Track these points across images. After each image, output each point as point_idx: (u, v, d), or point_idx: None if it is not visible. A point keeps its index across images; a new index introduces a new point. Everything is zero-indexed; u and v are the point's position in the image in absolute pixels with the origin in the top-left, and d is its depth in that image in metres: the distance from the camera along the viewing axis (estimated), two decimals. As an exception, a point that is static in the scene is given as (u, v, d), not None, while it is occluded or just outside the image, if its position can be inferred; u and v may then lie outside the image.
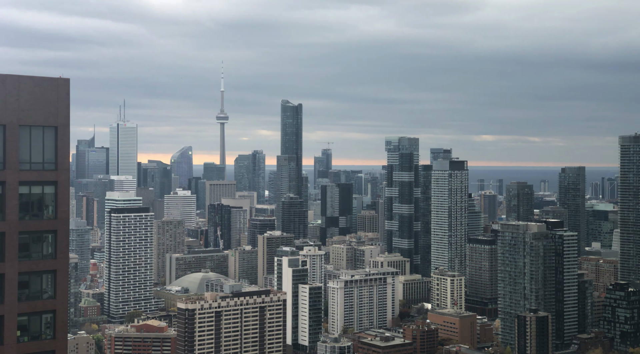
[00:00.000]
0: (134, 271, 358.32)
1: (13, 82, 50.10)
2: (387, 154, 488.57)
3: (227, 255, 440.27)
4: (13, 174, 50.37)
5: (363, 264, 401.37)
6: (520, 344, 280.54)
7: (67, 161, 52.88)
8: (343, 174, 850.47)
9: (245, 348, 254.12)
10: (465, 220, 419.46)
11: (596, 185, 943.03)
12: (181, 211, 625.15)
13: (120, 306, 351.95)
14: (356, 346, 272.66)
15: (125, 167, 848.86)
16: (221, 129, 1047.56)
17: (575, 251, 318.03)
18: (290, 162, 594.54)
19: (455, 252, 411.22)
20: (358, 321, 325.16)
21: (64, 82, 52.28)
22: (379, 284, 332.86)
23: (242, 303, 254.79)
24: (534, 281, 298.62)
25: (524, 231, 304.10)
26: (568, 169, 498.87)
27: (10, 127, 50.06)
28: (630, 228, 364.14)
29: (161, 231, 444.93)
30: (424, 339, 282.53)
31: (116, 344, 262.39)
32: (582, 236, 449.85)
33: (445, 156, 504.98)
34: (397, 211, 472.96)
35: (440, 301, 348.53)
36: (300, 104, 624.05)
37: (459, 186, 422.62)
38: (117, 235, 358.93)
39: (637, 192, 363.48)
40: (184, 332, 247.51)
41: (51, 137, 51.90)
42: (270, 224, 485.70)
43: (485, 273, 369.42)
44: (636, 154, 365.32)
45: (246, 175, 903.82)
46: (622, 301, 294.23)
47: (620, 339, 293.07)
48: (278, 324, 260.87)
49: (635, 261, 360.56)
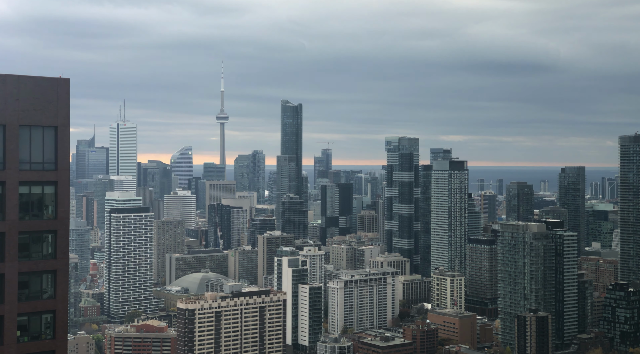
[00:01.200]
0: (134, 271, 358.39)
1: (13, 82, 50.08)
2: (387, 154, 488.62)
3: (227, 255, 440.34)
4: (13, 174, 50.35)
5: (363, 264, 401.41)
6: (520, 344, 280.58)
7: (67, 161, 52.85)
8: (343, 174, 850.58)
9: (245, 348, 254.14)
10: (465, 220, 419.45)
11: (596, 185, 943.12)
12: (181, 211, 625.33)
13: (120, 306, 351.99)
14: (356, 346, 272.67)
15: (125, 167, 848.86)
16: (221, 129, 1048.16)
17: (575, 251, 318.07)
18: (290, 162, 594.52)
19: (455, 252, 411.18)
20: (358, 321, 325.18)
21: (64, 82, 52.26)
22: (379, 284, 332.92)
23: (242, 303, 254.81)
24: (534, 281, 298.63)
25: (524, 231, 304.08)
26: (568, 169, 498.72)
27: (10, 127, 50.04)
28: (630, 228, 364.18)
29: (161, 231, 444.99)
30: (424, 339, 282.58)
31: (116, 344, 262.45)
32: (582, 236, 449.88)
33: (445, 156, 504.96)
34: (397, 211, 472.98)
35: (440, 301, 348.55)
36: (300, 104, 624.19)
37: (459, 186, 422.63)
38: (117, 235, 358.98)
39: (637, 192, 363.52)
40: (184, 332, 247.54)
41: (51, 137, 51.88)
42: (270, 224, 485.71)
43: (485, 273, 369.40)
44: (636, 154, 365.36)
45: (246, 175, 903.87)
46: (622, 301, 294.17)
47: (620, 339, 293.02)
48: (278, 324, 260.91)
49: (635, 261, 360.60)
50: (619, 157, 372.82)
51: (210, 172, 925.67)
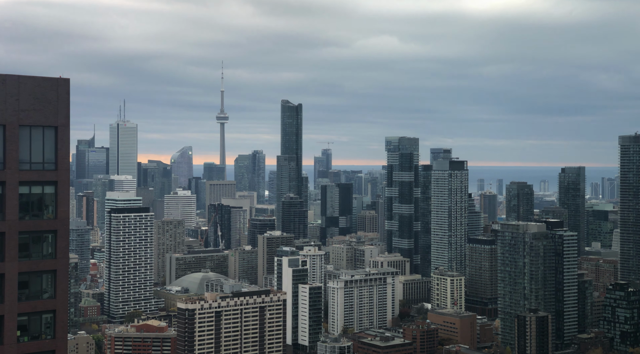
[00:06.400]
0: (134, 271, 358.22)
1: (13, 82, 50.07)
2: (387, 154, 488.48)
3: (227, 255, 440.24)
4: (13, 174, 50.35)
5: (363, 264, 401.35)
6: (520, 344, 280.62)
7: (67, 161, 52.85)
8: (343, 174, 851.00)
9: (245, 348, 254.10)
10: (465, 220, 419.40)
11: (596, 185, 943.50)
12: (181, 211, 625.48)
13: (120, 306, 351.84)
14: (356, 346, 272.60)
15: (125, 167, 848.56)
16: (221, 129, 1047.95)
17: (575, 251, 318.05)
18: (290, 162, 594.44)
19: (455, 252, 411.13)
20: (358, 321, 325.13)
21: (64, 82, 52.26)
22: (379, 284, 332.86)
23: (242, 303, 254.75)
24: (534, 281, 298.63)
25: (524, 231, 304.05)
26: (568, 169, 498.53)
27: (10, 127, 50.03)
28: (630, 228, 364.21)
29: (161, 231, 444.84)
30: (424, 339, 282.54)
31: (116, 344, 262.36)
32: (582, 236, 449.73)
33: (445, 156, 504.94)
34: (397, 211, 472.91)
35: (440, 301, 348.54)
36: (300, 104, 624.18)
37: (459, 186, 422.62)
38: (117, 235, 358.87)
39: (637, 192, 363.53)
40: (184, 332, 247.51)
41: (51, 137, 51.88)
42: (270, 224, 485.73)
43: (485, 273, 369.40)
44: (636, 154, 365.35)
45: (246, 175, 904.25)
46: (622, 301, 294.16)
47: (620, 339, 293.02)
48: (278, 324, 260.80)
49: (635, 261, 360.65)
50: (619, 157, 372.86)
51: (211, 172, 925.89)
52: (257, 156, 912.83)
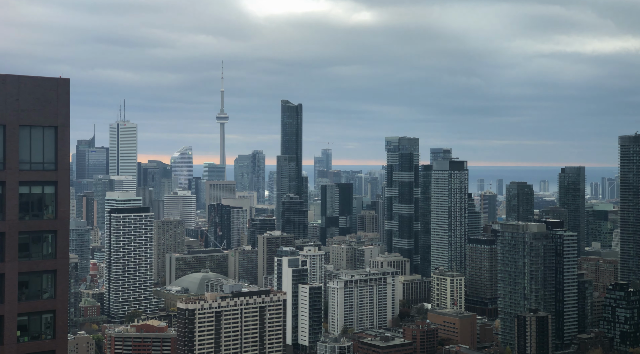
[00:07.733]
0: (134, 271, 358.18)
1: (13, 82, 50.08)
2: (387, 154, 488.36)
3: (227, 255, 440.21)
4: (13, 174, 50.35)
5: (363, 264, 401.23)
6: (520, 344, 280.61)
7: (67, 161, 52.86)
8: (343, 174, 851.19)
9: (245, 348, 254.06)
10: (465, 220, 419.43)
11: (596, 185, 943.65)
12: (181, 211, 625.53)
13: (120, 306, 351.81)
14: (356, 346, 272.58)
15: (125, 167, 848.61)
16: (221, 129, 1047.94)
17: (575, 251, 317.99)
18: (290, 162, 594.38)
19: (455, 252, 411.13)
20: (358, 321, 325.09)
21: (64, 82, 52.27)
22: (378, 284, 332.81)
23: (242, 303, 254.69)
24: (533, 281, 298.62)
25: (523, 231, 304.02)
26: (568, 169, 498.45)
27: (10, 127, 50.04)
28: (630, 228, 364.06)
29: (161, 231, 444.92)
30: (424, 339, 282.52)
31: (116, 344, 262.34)
32: (582, 236, 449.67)
33: (445, 156, 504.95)
34: (397, 211, 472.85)
35: (440, 301, 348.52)
36: (300, 104, 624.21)
37: (459, 186, 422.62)
38: (117, 235, 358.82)
39: (637, 192, 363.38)
40: (184, 332, 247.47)
41: (51, 137, 51.89)
42: (270, 224, 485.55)
43: (485, 273, 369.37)
44: (636, 154, 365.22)
45: (246, 175, 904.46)
46: (622, 301, 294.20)
47: (620, 339, 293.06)
48: (278, 324, 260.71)
49: (635, 261, 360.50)
50: (619, 157, 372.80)
51: (211, 172, 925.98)
52: (257, 156, 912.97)
